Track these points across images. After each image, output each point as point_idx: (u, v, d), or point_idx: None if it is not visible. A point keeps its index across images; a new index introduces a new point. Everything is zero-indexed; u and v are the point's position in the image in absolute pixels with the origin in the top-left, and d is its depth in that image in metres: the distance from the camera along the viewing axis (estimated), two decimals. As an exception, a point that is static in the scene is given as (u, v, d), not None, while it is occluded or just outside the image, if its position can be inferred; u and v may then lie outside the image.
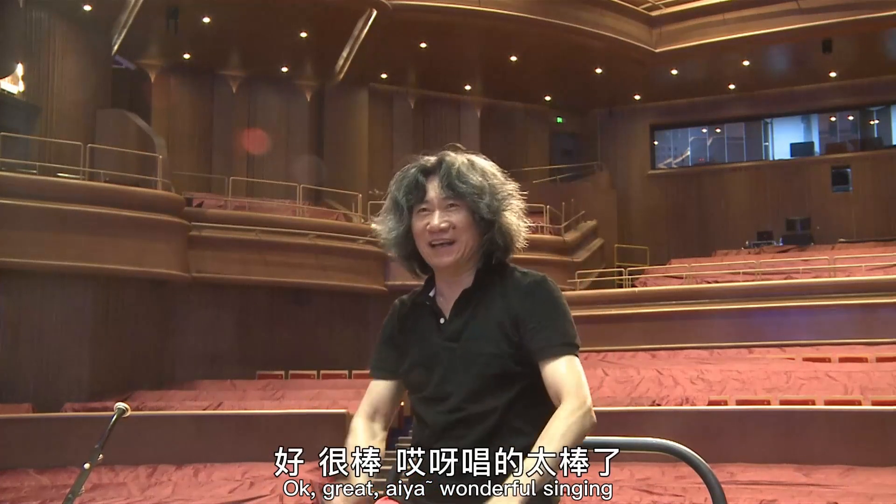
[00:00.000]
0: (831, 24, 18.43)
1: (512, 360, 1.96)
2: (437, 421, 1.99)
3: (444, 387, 1.99)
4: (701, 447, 2.24)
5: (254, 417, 12.58)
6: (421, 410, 2.06)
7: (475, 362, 1.96)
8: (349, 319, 17.18)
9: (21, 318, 14.00)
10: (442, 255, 2.02)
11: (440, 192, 2.01)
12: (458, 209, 2.01)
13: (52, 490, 11.00)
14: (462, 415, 1.95)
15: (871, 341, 15.01)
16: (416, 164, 2.06)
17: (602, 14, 19.60)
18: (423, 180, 2.03)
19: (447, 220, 2.00)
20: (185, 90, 20.03)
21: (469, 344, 1.99)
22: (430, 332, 2.06)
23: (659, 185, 23.41)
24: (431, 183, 2.03)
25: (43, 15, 16.45)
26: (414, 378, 2.08)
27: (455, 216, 2.00)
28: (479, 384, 1.96)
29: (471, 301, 2.03)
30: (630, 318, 16.75)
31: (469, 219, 2.01)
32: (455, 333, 2.02)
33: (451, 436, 1.95)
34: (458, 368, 1.98)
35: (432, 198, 2.02)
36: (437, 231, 2.00)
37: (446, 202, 2.01)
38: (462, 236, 2.00)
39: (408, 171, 2.06)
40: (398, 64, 20.76)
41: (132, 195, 14.86)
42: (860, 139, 22.58)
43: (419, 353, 2.06)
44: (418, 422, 2.07)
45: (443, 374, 2.00)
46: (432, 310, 2.08)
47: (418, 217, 2.03)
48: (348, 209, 19.03)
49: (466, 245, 2.01)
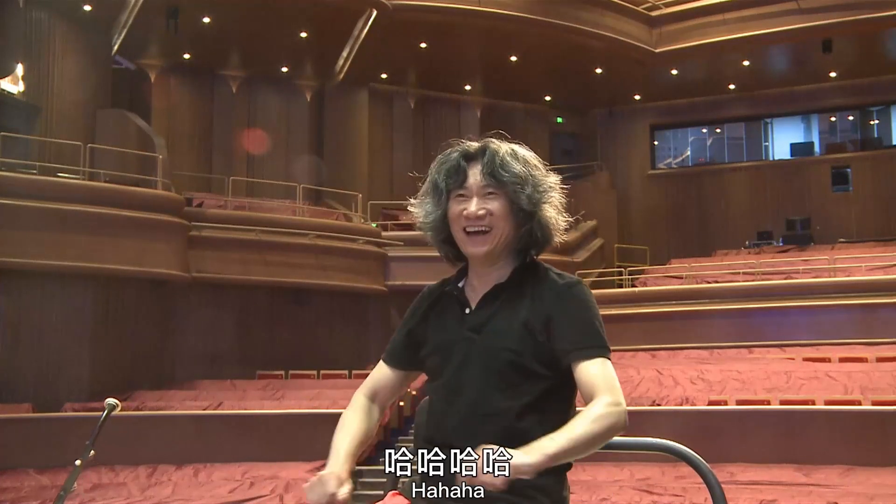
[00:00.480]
0: (831, 24, 18.43)
1: (534, 360, 1.93)
2: (449, 413, 1.95)
3: (459, 377, 1.95)
4: (701, 447, 2.24)
5: (254, 417, 12.58)
6: (435, 400, 2.02)
7: (494, 357, 1.93)
8: (349, 319, 17.18)
9: (21, 318, 14.00)
10: (476, 243, 1.98)
11: (480, 179, 1.98)
12: (497, 198, 1.98)
13: (52, 490, 10.99)
14: (475, 410, 1.92)
15: (871, 341, 15.01)
16: (458, 149, 2.04)
17: (602, 14, 19.60)
18: (464, 165, 2.00)
19: (485, 207, 1.97)
20: (185, 90, 20.02)
21: (490, 337, 1.95)
22: (453, 321, 2.02)
23: (659, 185, 23.41)
24: (473, 169, 2.00)
25: (43, 15, 16.45)
26: (431, 364, 2.04)
27: (493, 204, 1.97)
28: (495, 380, 1.92)
29: (500, 296, 1.99)
30: (630, 318, 16.75)
31: (507, 208, 1.97)
32: (478, 325, 1.98)
33: (463, 432, 1.91)
34: (475, 360, 1.94)
35: (472, 184, 1.99)
36: (473, 217, 1.97)
37: (485, 189, 1.98)
38: (499, 224, 1.97)
39: (450, 156, 2.03)
40: (398, 64, 20.76)
41: (132, 195, 14.86)
42: (860, 139, 22.58)
43: (439, 340, 2.03)
44: (431, 414, 2.02)
45: (459, 364, 1.96)
46: (459, 299, 2.04)
47: (456, 202, 2.00)
48: (348, 209, 19.03)
49: (502, 235, 1.98)
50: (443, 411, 1.97)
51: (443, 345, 2.01)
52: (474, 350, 1.96)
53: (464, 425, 1.92)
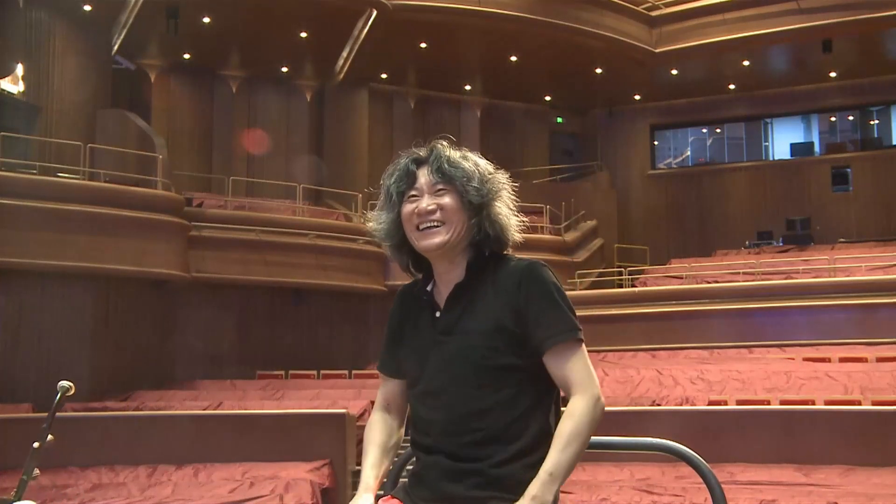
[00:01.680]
0: (831, 24, 18.43)
1: (510, 353, 1.93)
2: (431, 418, 1.96)
3: (437, 381, 1.96)
4: (701, 447, 2.24)
5: (254, 417, 12.57)
6: (416, 406, 2.03)
7: (468, 357, 1.93)
8: (349, 319, 17.19)
9: (21, 318, 14.00)
10: (429, 236, 1.99)
11: (429, 178, 2.02)
12: (447, 193, 2.00)
13: (53, 490, 10.99)
14: (457, 411, 1.92)
15: (871, 341, 15.01)
16: (407, 155, 2.09)
17: (602, 14, 19.61)
18: (413, 168, 2.05)
19: (435, 202, 1.99)
20: (185, 90, 20.03)
21: (461, 338, 1.95)
22: (425, 326, 2.03)
23: (659, 185, 23.41)
24: (422, 171, 2.04)
25: (43, 15, 16.45)
26: (408, 372, 2.06)
27: (444, 199, 1.99)
28: (472, 379, 1.92)
29: (464, 294, 2.00)
30: (630, 318, 16.75)
31: (458, 202, 1.99)
32: (448, 327, 1.98)
33: (449, 436, 1.93)
34: (450, 363, 1.95)
35: (422, 184, 2.02)
36: (424, 213, 1.99)
37: (435, 187, 2.01)
38: (451, 219, 1.98)
39: (399, 162, 2.08)
40: (398, 64, 20.76)
41: (132, 195, 14.86)
42: (860, 139, 22.59)
43: (413, 347, 2.04)
44: (415, 420, 2.04)
45: (436, 369, 1.97)
46: (429, 303, 2.05)
47: (408, 203, 2.02)
48: (348, 209, 19.03)
49: (455, 228, 1.99)
50: (426, 416, 1.98)
51: (418, 350, 2.02)
52: (448, 352, 1.96)
53: (449, 429, 1.93)
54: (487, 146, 22.16)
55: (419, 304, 2.07)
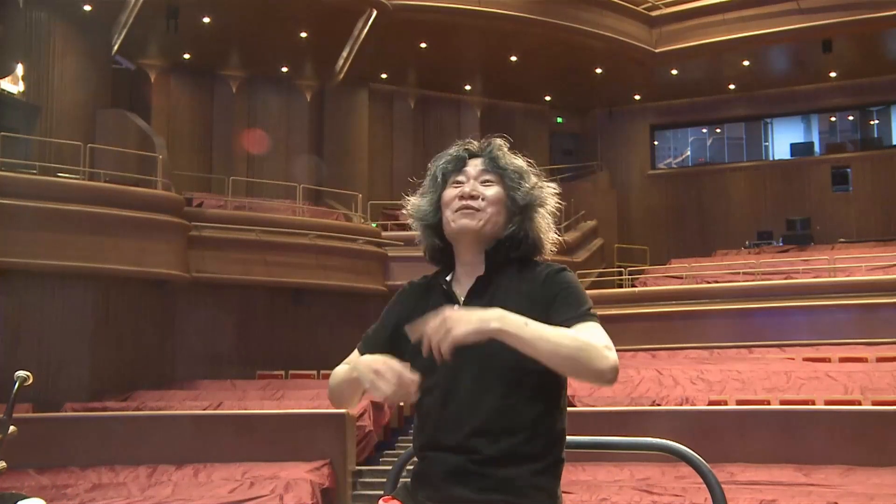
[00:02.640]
0: (831, 24, 18.44)
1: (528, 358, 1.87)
2: (441, 415, 1.91)
3: (451, 376, 1.90)
4: (701, 447, 2.24)
5: (254, 417, 12.58)
6: (424, 401, 1.94)
7: (490, 354, 1.86)
8: (349, 319, 17.15)
9: (21, 318, 14.00)
10: (465, 217, 1.97)
11: (480, 166, 2.01)
12: (494, 185, 2.00)
13: (53, 490, 10.99)
14: (469, 410, 1.88)
15: (871, 341, 15.01)
16: (461, 143, 2.09)
17: (602, 14, 19.61)
18: (464, 156, 2.04)
19: (479, 190, 1.99)
20: (185, 90, 20.04)
21: None
22: None
23: (659, 185, 23.42)
24: (473, 161, 2.04)
25: (43, 15, 16.45)
26: (418, 361, 1.93)
27: (488, 190, 1.99)
28: (492, 378, 1.88)
29: (486, 289, 1.96)
30: (630, 318, 16.75)
31: (502, 196, 1.99)
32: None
33: (457, 432, 1.89)
34: (470, 359, 1.86)
35: (470, 171, 2.02)
36: (467, 196, 1.98)
37: (483, 176, 2.01)
38: (490, 209, 1.97)
39: (451, 148, 2.08)
40: (398, 64, 20.77)
41: (132, 195, 14.86)
42: (860, 139, 22.60)
43: None
44: (424, 415, 1.96)
45: (453, 363, 1.86)
46: (447, 293, 2.01)
47: (451, 187, 2.02)
48: (348, 209, 19.03)
49: (492, 219, 1.97)
50: (434, 412, 1.92)
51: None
52: (465, 350, 1.87)
53: (459, 426, 1.88)
54: (487, 146, 22.14)
55: (434, 294, 2.03)
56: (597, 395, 13.10)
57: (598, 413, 11.48)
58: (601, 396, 13.05)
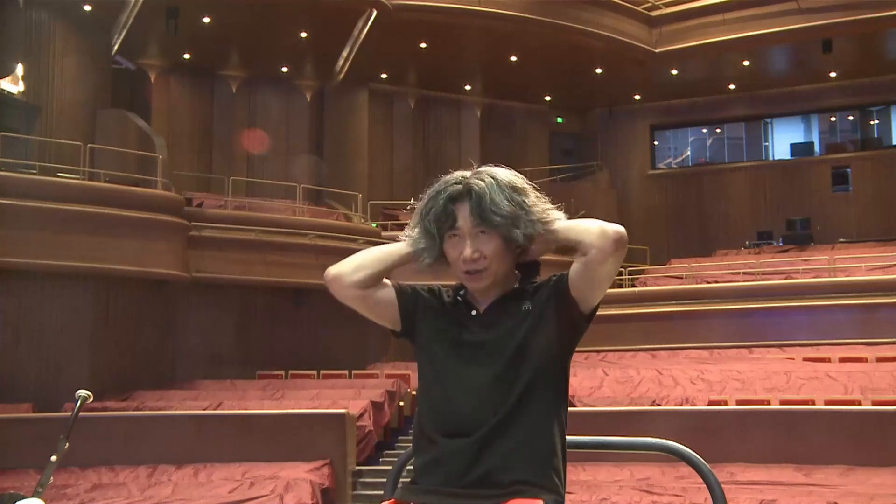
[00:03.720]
0: (831, 24, 18.43)
1: (540, 352, 1.95)
2: (450, 407, 1.94)
3: (468, 378, 1.95)
4: (701, 447, 2.24)
5: (254, 417, 12.57)
6: (434, 394, 1.99)
7: (501, 348, 1.95)
8: (349, 319, 17.01)
9: (21, 318, 14.00)
10: (475, 281, 2.00)
11: (470, 221, 1.97)
12: (490, 237, 1.97)
13: (52, 490, 10.99)
14: (482, 414, 1.91)
15: (871, 341, 15.02)
16: (444, 191, 2.01)
17: (602, 14, 19.61)
18: (451, 208, 1.99)
19: (478, 249, 1.97)
20: (185, 90, 20.03)
21: (502, 334, 1.97)
22: (461, 317, 2.04)
23: (659, 185, 23.42)
24: (461, 210, 1.98)
25: (43, 15, 16.45)
26: (429, 353, 2.04)
27: (486, 246, 1.97)
28: (501, 370, 1.93)
29: (508, 301, 2.02)
30: (630, 318, 16.75)
31: (500, 245, 1.97)
32: (487, 322, 2.00)
33: (465, 431, 1.91)
34: (484, 357, 1.96)
35: (462, 226, 1.98)
36: (468, 261, 1.98)
37: (476, 230, 1.97)
38: (492, 265, 1.98)
39: (437, 199, 2.01)
40: (398, 64, 20.76)
41: (132, 195, 14.86)
42: (860, 139, 22.59)
43: (442, 332, 2.03)
44: (431, 408, 1.98)
45: (466, 360, 1.97)
46: (465, 304, 2.06)
47: (450, 244, 2.01)
48: (348, 209, 19.03)
49: (497, 272, 1.99)
50: (446, 407, 1.95)
51: (447, 335, 2.02)
52: (482, 344, 1.97)
53: (482, 423, 1.90)
54: (487, 146, 22.16)
55: (453, 301, 2.08)
56: (597, 395, 13.11)
57: (598, 413, 11.48)
58: (601, 396, 13.05)
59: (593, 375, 14.00)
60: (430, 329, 2.06)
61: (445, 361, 1.99)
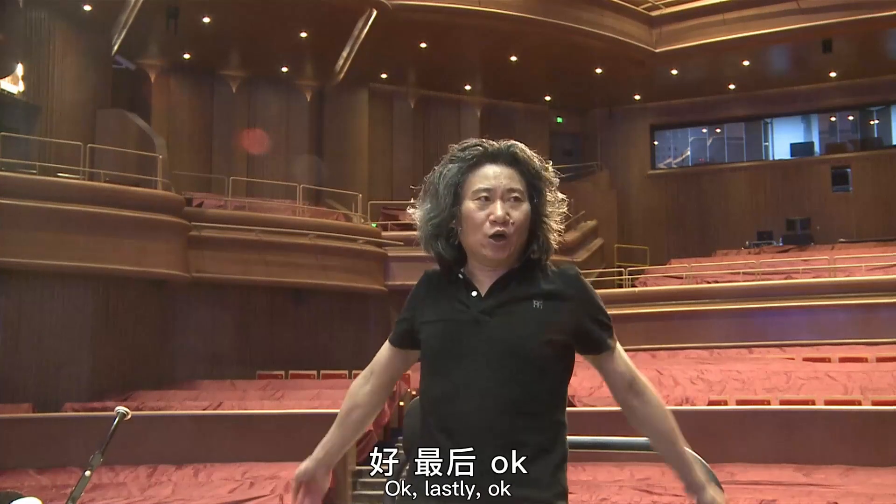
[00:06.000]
0: (831, 24, 18.42)
1: (555, 349, 1.92)
2: (462, 405, 1.87)
3: (469, 364, 1.88)
4: (701, 447, 2.24)
5: (254, 417, 12.58)
6: (437, 388, 1.92)
7: (510, 342, 1.88)
8: (349, 319, 17.18)
9: (21, 318, 14.00)
10: (499, 249, 1.92)
11: (506, 177, 1.93)
12: (521, 202, 1.93)
13: (53, 490, 11.00)
14: (491, 402, 1.85)
15: (871, 341, 15.01)
16: (479, 144, 1.98)
17: (602, 14, 19.60)
18: (486, 163, 1.96)
19: (509, 211, 1.92)
20: (185, 90, 20.03)
21: (505, 322, 1.91)
22: (462, 302, 1.95)
23: (659, 185, 23.41)
24: (494, 169, 1.95)
25: (43, 15, 16.44)
26: (432, 346, 1.96)
27: (515, 212, 1.92)
28: (516, 370, 1.87)
29: (510, 283, 1.95)
30: (630, 318, 16.74)
31: (528, 215, 1.94)
32: (490, 308, 1.93)
33: (490, 428, 1.86)
34: (488, 347, 1.89)
35: (495, 186, 1.93)
36: (500, 222, 1.91)
37: (511, 193, 1.93)
38: (516, 235, 1.93)
39: (466, 154, 1.97)
40: (398, 64, 20.76)
41: (132, 195, 14.86)
42: (860, 139, 22.59)
43: (445, 321, 1.95)
44: (437, 401, 1.92)
45: (470, 350, 1.90)
46: (465, 283, 1.98)
47: (474, 206, 1.93)
48: (348, 209, 19.03)
49: (517, 243, 1.94)
50: (451, 402, 1.89)
51: (449, 327, 1.94)
52: (487, 335, 1.90)
53: (480, 420, 1.85)
54: (487, 146, 22.14)
55: (453, 283, 1.99)
56: (597, 395, 13.11)
57: (598, 413, 11.45)
58: (601, 396, 13.04)
59: (593, 375, 13.82)
60: (430, 327, 1.99)
61: (446, 355, 1.92)
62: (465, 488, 1.84)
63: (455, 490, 1.85)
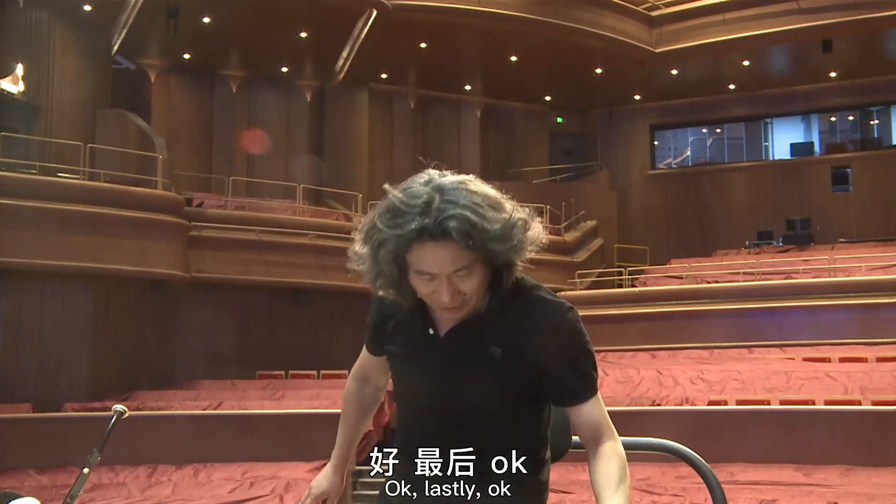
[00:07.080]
0: (831, 24, 18.43)
1: (513, 392, 1.81)
2: (429, 417, 1.86)
3: (440, 379, 1.82)
4: (701, 447, 2.25)
5: (254, 417, 12.58)
6: (412, 405, 1.91)
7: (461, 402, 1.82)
8: (349, 319, 17.15)
9: (21, 318, 14.00)
10: (455, 311, 1.77)
11: (450, 265, 1.68)
12: (470, 275, 1.71)
13: (53, 490, 11.00)
14: (463, 434, 1.83)
15: (871, 341, 15.01)
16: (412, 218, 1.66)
17: (602, 14, 19.60)
18: (418, 247, 1.68)
19: (458, 290, 1.72)
20: (185, 90, 20.03)
21: (461, 374, 1.81)
22: (416, 337, 1.86)
23: (659, 185, 23.41)
24: (431, 250, 1.67)
25: (43, 15, 16.45)
26: (403, 376, 1.94)
27: (465, 283, 1.71)
28: (478, 379, 1.81)
29: (469, 330, 1.80)
30: (630, 318, 16.74)
31: (481, 276, 1.73)
32: (447, 355, 1.82)
33: (436, 431, 1.85)
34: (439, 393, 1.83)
35: (436, 272, 1.70)
36: (447, 306, 1.74)
37: (458, 273, 1.70)
38: (472, 298, 1.75)
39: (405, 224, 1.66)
40: (398, 64, 20.76)
41: (132, 195, 14.86)
42: (860, 139, 22.59)
43: (408, 355, 1.89)
44: (409, 417, 1.92)
45: (441, 384, 1.83)
46: (423, 319, 1.84)
47: (419, 281, 1.73)
48: (348, 209, 19.02)
49: (477, 296, 1.77)
50: (426, 416, 1.87)
51: (411, 358, 1.89)
52: (457, 374, 1.81)
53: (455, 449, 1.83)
54: (487, 146, 22.17)
55: (409, 315, 1.87)
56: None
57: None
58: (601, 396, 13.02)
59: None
60: (393, 352, 1.96)
61: (420, 387, 1.87)
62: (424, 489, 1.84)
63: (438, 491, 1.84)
